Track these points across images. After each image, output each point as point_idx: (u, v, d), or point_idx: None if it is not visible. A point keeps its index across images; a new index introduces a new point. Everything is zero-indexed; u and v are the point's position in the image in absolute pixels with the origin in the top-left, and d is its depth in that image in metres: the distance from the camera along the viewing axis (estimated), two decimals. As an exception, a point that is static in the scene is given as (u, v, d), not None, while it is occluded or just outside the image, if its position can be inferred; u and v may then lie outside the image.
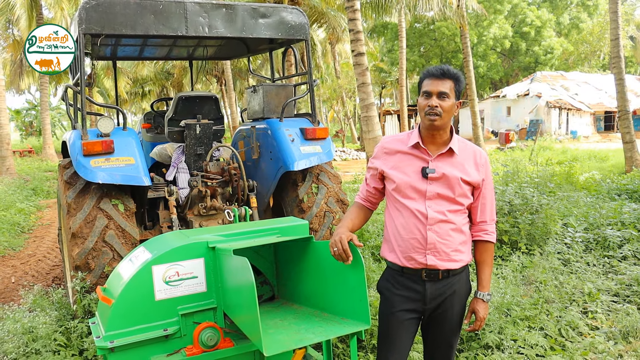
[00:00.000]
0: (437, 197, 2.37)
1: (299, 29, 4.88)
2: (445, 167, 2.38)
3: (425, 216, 2.35)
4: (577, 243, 5.81)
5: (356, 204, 2.61)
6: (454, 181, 2.37)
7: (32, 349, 3.55)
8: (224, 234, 2.71)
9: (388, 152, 2.50)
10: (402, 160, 2.44)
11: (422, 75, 2.42)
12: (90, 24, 4.06)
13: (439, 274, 2.39)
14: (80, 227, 4.00)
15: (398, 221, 2.43)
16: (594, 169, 13.22)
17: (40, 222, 10.71)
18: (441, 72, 2.34)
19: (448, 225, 2.37)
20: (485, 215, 2.48)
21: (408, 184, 2.39)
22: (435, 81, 2.34)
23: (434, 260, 2.36)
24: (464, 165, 2.40)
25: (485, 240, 2.49)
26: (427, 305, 2.43)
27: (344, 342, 3.91)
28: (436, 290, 2.41)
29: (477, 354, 3.61)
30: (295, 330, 2.43)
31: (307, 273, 2.70)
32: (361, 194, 2.62)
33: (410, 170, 2.41)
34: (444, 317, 2.46)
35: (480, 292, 2.49)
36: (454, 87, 2.35)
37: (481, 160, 2.45)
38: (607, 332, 3.89)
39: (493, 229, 2.52)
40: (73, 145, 4.14)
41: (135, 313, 2.45)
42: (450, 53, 38.80)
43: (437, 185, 2.37)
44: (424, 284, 2.40)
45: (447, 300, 2.44)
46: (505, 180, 7.53)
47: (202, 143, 5.13)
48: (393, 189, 2.44)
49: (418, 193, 2.38)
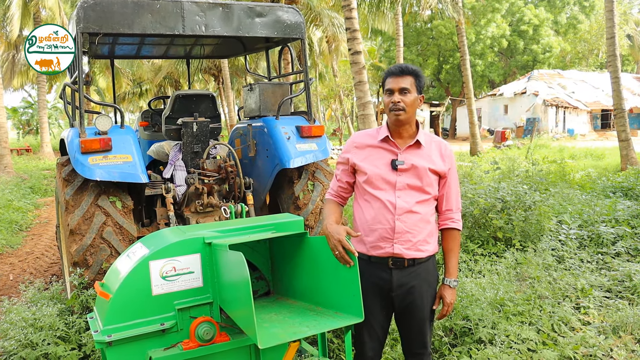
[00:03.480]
0: (407, 187, 2.51)
1: (295, 28, 4.92)
2: (413, 159, 2.53)
3: (394, 206, 2.49)
4: (571, 240, 5.86)
5: (330, 201, 2.71)
6: (422, 171, 2.51)
7: (30, 340, 3.59)
8: (220, 230, 2.74)
9: (358, 146, 2.63)
10: (372, 153, 2.58)
11: (384, 75, 2.57)
12: (88, 23, 4.09)
13: (405, 262, 2.52)
14: (78, 223, 4.04)
15: (367, 212, 2.56)
16: (590, 167, 13.28)
17: (38, 220, 10.73)
18: (400, 70, 2.50)
19: (416, 216, 2.50)
20: (450, 203, 2.61)
21: (379, 175, 2.53)
22: (396, 79, 2.49)
23: (401, 249, 2.50)
24: (430, 156, 2.55)
25: (452, 228, 2.62)
26: (394, 293, 2.55)
27: (339, 338, 3.96)
28: (402, 277, 2.53)
29: (471, 348, 3.66)
30: (290, 324, 2.47)
31: (302, 268, 2.74)
32: (332, 191, 2.73)
33: (381, 163, 2.55)
34: (415, 306, 2.58)
35: (447, 279, 2.63)
36: (415, 82, 2.50)
37: (446, 152, 2.60)
38: (599, 327, 3.95)
39: (459, 217, 2.65)
40: (71, 143, 4.17)
41: (133, 308, 2.48)
42: (448, 52, 38.83)
43: (406, 176, 2.52)
44: (391, 271, 2.53)
45: (416, 289, 2.56)
46: (497, 177, 7.59)
47: (199, 141, 5.17)
48: (364, 180, 2.57)
49: (388, 184, 2.52)
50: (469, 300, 4.04)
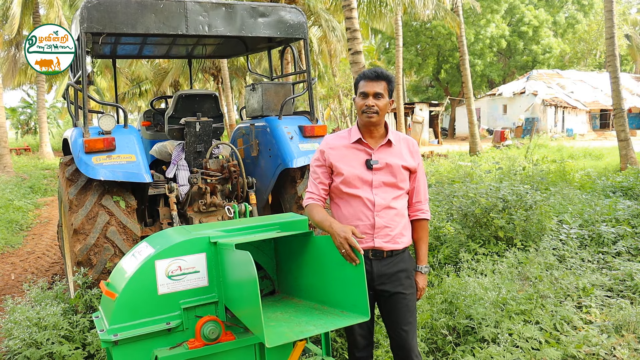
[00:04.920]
0: (382, 185, 2.67)
1: (297, 28, 4.93)
2: (387, 157, 2.69)
3: (372, 203, 2.64)
4: (572, 239, 5.88)
5: (317, 206, 2.73)
6: (396, 169, 2.68)
7: (34, 339, 3.60)
8: (225, 229, 2.75)
9: (332, 147, 2.74)
10: (346, 154, 2.70)
11: (358, 77, 2.69)
12: (92, 23, 4.10)
13: (384, 254, 2.68)
14: (82, 223, 4.05)
15: (346, 210, 2.70)
16: (589, 167, 13.30)
17: (38, 219, 10.72)
18: (375, 75, 2.63)
19: (392, 211, 2.67)
20: (420, 196, 2.81)
21: (355, 175, 2.67)
22: (371, 83, 2.63)
23: (381, 243, 2.66)
24: (401, 154, 2.72)
25: (422, 218, 2.81)
26: (376, 282, 2.69)
27: (342, 337, 3.97)
28: (382, 267, 2.69)
29: (474, 347, 3.67)
30: (296, 323, 2.48)
31: (307, 267, 2.75)
32: (315, 195, 2.76)
33: (356, 163, 2.69)
34: (397, 297, 2.70)
35: (419, 266, 2.81)
36: (387, 87, 2.65)
37: (414, 148, 2.78)
38: (601, 326, 3.96)
39: (427, 208, 2.85)
40: (75, 142, 4.18)
41: (139, 307, 2.49)
42: (447, 51, 38.84)
43: (381, 174, 2.67)
44: (371, 262, 2.68)
45: (395, 278, 2.68)
46: (498, 177, 7.60)
47: (201, 140, 5.18)
48: (341, 181, 2.68)
49: (365, 183, 2.66)
50: (472, 300, 4.05)
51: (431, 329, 3.91)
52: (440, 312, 4.09)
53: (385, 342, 3.70)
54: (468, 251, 5.56)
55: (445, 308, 4.12)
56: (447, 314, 4.05)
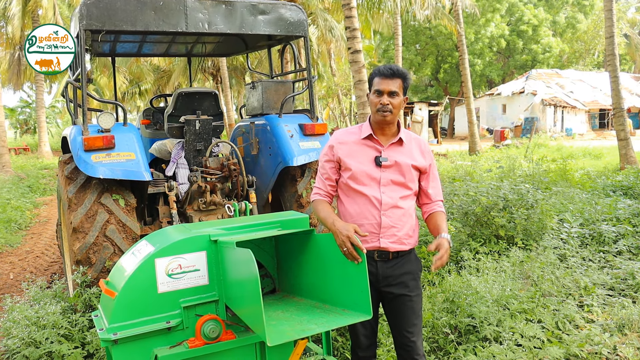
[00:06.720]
0: (391, 183, 2.61)
1: (297, 26, 4.91)
2: (397, 156, 2.63)
3: (379, 202, 2.58)
4: (573, 238, 5.86)
5: (323, 202, 2.69)
6: (405, 168, 2.62)
7: (33, 338, 3.58)
8: (225, 228, 2.73)
9: (341, 142, 2.69)
10: (356, 149, 2.65)
11: (373, 73, 2.61)
12: (91, 20, 4.07)
13: (390, 255, 2.62)
14: (81, 221, 4.02)
15: (352, 208, 2.63)
16: (589, 166, 13.29)
17: (37, 219, 10.70)
18: (391, 72, 2.56)
19: (400, 211, 2.61)
20: (439, 194, 2.77)
21: (363, 171, 2.61)
22: (386, 80, 2.56)
23: (387, 243, 2.59)
24: (412, 153, 2.67)
25: (440, 211, 2.74)
26: (381, 284, 2.63)
27: (343, 336, 3.95)
28: (388, 269, 2.62)
29: (476, 345, 3.65)
30: (298, 322, 2.45)
31: (308, 266, 2.72)
32: (322, 191, 2.73)
33: (365, 159, 2.63)
34: (402, 299, 2.64)
35: (443, 233, 2.61)
36: (402, 84, 2.58)
37: (425, 148, 2.73)
38: (603, 325, 3.94)
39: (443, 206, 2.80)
40: (74, 140, 4.15)
41: (138, 305, 2.46)
42: (447, 51, 38.83)
43: (390, 172, 2.61)
44: (376, 264, 2.62)
45: (401, 280, 2.62)
46: (499, 176, 7.58)
47: (201, 139, 5.15)
48: (349, 177, 2.63)
49: (373, 180, 2.60)
50: (474, 298, 4.03)
51: (433, 328, 3.89)
52: (441, 310, 4.06)
53: (387, 340, 3.68)
54: (469, 250, 5.54)
55: (447, 307, 4.10)
56: (448, 313, 4.03)
